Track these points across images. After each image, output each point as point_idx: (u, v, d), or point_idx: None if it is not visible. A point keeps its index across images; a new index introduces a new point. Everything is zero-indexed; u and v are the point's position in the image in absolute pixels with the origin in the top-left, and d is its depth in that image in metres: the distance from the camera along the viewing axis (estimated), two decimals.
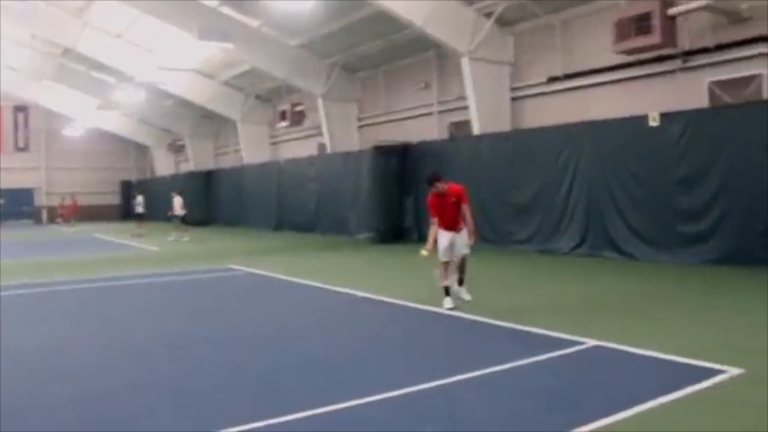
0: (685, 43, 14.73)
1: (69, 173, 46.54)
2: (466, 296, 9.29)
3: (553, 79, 18.18)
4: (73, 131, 44.50)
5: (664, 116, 13.59)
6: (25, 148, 46.14)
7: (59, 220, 38.49)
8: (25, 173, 45.76)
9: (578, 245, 15.20)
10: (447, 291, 9.22)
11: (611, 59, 16.06)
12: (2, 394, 5.71)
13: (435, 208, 9.20)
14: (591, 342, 6.90)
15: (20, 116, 45.98)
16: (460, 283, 9.40)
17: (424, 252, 9.07)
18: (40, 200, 46.79)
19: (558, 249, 15.54)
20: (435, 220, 9.20)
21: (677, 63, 15.00)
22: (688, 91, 14.73)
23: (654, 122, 13.68)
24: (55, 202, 43.13)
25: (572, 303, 9.57)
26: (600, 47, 16.27)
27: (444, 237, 9.13)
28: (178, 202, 26.35)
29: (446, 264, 9.18)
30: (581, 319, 8.32)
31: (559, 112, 17.41)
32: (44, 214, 46.40)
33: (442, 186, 9.23)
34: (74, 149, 46.61)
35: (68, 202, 39.67)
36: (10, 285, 12.89)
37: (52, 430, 4.87)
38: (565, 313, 8.71)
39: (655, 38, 14.14)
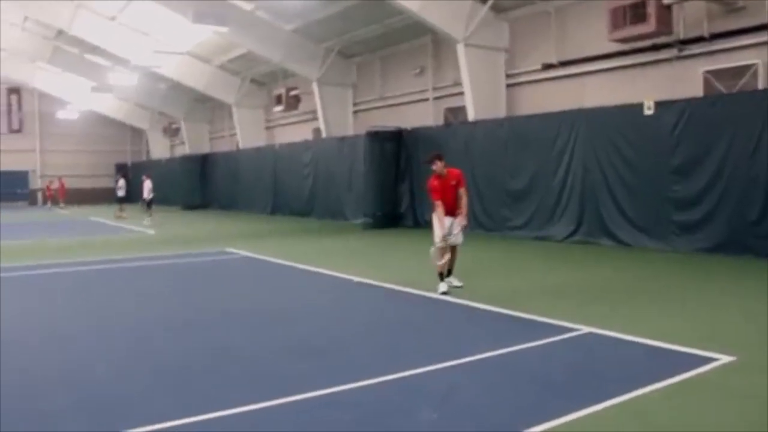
0: (680, 31, 14.77)
1: (64, 156, 46.43)
2: (457, 282, 9.40)
3: (548, 66, 18.20)
4: (67, 114, 44.33)
5: (659, 105, 13.67)
6: (18, 130, 45.99)
7: (49, 202, 38.43)
8: (19, 155, 45.63)
9: (573, 232, 15.31)
10: (441, 276, 9.32)
11: (606, 47, 16.08)
12: None
13: (437, 192, 9.23)
14: (584, 329, 6.99)
15: (13, 98, 45.80)
16: (449, 272, 9.48)
17: (438, 244, 9.16)
18: (35, 182, 46.66)
19: (553, 235, 15.65)
20: (439, 203, 9.24)
21: (672, 52, 15.04)
22: (684, 80, 14.78)
23: (649, 110, 13.75)
24: (50, 184, 43.07)
25: (566, 289, 9.66)
26: (595, 35, 16.29)
27: (444, 221, 9.21)
28: (147, 186, 26.44)
29: (442, 249, 9.26)
30: (575, 305, 8.42)
31: (555, 100, 17.47)
32: (39, 197, 46.32)
33: (441, 167, 9.29)
34: (69, 132, 46.48)
35: (56, 184, 39.64)
36: (5, 267, 12.92)
37: (41, 409, 4.91)
38: (559, 300, 8.81)
39: (650, 27, 14.16)
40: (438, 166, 9.31)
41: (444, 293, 9.08)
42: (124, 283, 11.44)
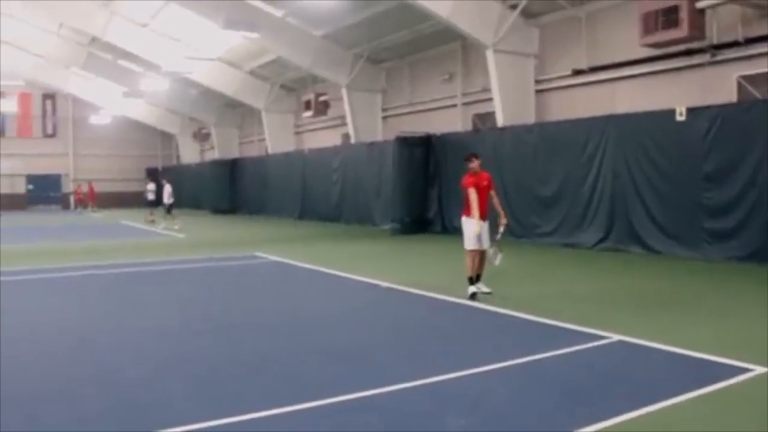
0: (713, 36, 14.58)
1: (96, 160, 47.13)
2: (486, 289, 9.38)
3: (578, 72, 18.08)
4: (100, 119, 45.01)
5: (691, 111, 13.49)
6: (53, 135, 46.86)
7: (79, 206, 39.02)
8: (53, 159, 46.51)
9: (602, 239, 15.17)
10: (471, 280, 9.31)
11: (638, 52, 15.94)
12: (28, 374, 5.90)
13: (472, 186, 9.29)
14: (615, 336, 6.93)
15: (48, 103, 46.63)
16: (478, 278, 9.47)
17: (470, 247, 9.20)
18: (68, 186, 47.42)
19: (582, 242, 15.52)
20: (472, 190, 9.25)
21: (705, 57, 14.85)
22: (717, 86, 14.59)
23: (681, 117, 13.59)
24: (83, 188, 43.75)
25: (595, 297, 9.59)
26: (626, 40, 16.15)
27: (475, 224, 9.20)
28: (167, 190, 26.63)
29: (473, 253, 9.25)
30: (605, 313, 8.35)
31: (585, 105, 17.34)
32: (72, 200, 47.08)
33: (478, 165, 9.41)
34: (101, 136, 47.17)
35: (85, 188, 40.31)
36: (39, 269, 13.16)
37: (74, 412, 5.00)
38: (588, 307, 8.75)
39: (682, 31, 13.98)
40: (475, 163, 9.44)
41: (473, 295, 9.12)
42: (156, 286, 11.60)
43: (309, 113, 27.55)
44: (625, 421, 4.54)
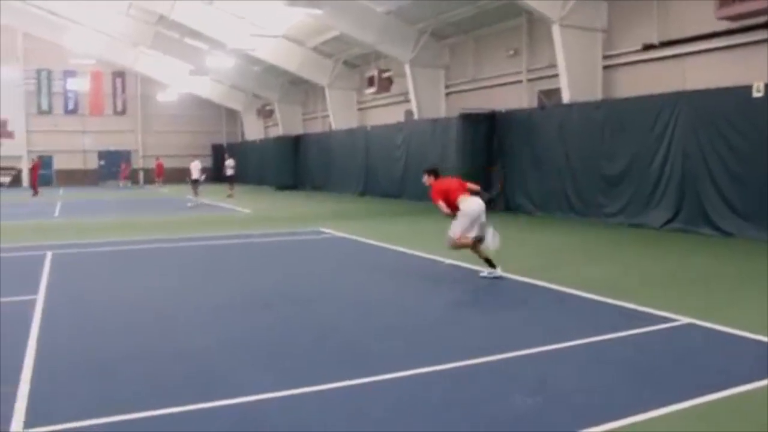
0: None
1: (163, 136, 48.31)
2: (499, 272, 9.32)
3: (648, 47, 17.57)
4: (167, 96, 46.06)
5: None
6: (123, 112, 48.21)
7: (158, 180, 40.48)
8: (123, 136, 47.95)
9: (671, 220, 14.79)
10: (489, 262, 9.26)
11: (713, 25, 15.38)
12: (105, 342, 6.16)
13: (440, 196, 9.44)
14: (683, 319, 6.79)
15: (118, 81, 47.93)
16: (491, 263, 9.35)
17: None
18: (137, 162, 48.77)
19: (649, 223, 15.17)
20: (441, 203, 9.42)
21: None
22: None
23: (759, 93, 13.08)
24: (150, 164, 44.96)
25: (665, 279, 9.39)
26: (700, 12, 15.61)
27: (474, 203, 9.30)
28: (230, 164, 27.65)
29: (469, 241, 9.26)
30: (674, 295, 8.17)
31: (654, 81, 16.86)
32: (141, 176, 48.46)
33: (426, 180, 9.79)
34: (168, 113, 48.30)
35: (153, 165, 41.67)
36: (110, 242, 13.65)
37: (147, 381, 5.19)
38: (657, 289, 8.58)
39: (763, 2, 13.43)
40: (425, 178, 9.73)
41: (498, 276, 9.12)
42: (226, 259, 11.91)
43: (372, 89, 27.57)
44: (694, 406, 4.46)
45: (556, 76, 19.17)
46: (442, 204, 9.35)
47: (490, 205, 20.13)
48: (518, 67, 22.28)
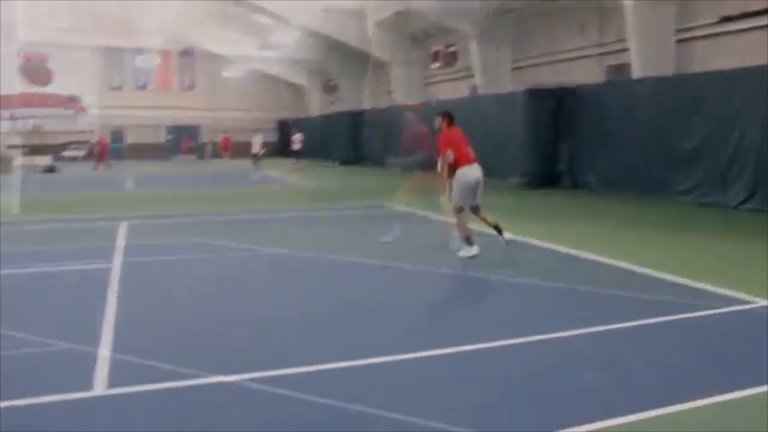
0: None
1: (229, 112, 49.13)
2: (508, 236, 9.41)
3: (726, 19, 16.93)
4: (233, 72, 46.75)
5: None
6: (190, 88, 49.24)
7: (225, 154, 41.47)
8: (191, 112, 48.95)
9: (747, 199, 14.31)
10: (468, 240, 9.12)
11: None
12: (186, 313, 6.40)
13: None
14: (761, 302, 6.60)
15: (186, 59, 48.90)
16: (499, 230, 9.42)
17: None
18: (204, 137, 49.83)
19: (723, 202, 14.70)
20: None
21: None
22: None
23: None
24: (216, 138, 45.94)
25: (741, 260, 9.12)
26: None
27: (476, 172, 9.28)
28: (297, 138, 27.97)
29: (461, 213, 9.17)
30: (753, 277, 7.86)
31: (731, 55, 16.26)
32: (208, 150, 49.53)
33: (439, 123, 9.74)
34: (234, 89, 49.06)
35: (220, 139, 42.67)
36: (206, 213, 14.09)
37: (222, 347, 5.42)
38: (733, 270, 8.35)
39: None
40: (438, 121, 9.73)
41: (473, 256, 8.92)
42: (297, 231, 12.47)
43: (437, 64, 27.44)
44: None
45: (625, 50, 18.71)
46: (450, 154, 9.24)
47: (556, 183, 19.94)
48: (587, 42, 21.82)
